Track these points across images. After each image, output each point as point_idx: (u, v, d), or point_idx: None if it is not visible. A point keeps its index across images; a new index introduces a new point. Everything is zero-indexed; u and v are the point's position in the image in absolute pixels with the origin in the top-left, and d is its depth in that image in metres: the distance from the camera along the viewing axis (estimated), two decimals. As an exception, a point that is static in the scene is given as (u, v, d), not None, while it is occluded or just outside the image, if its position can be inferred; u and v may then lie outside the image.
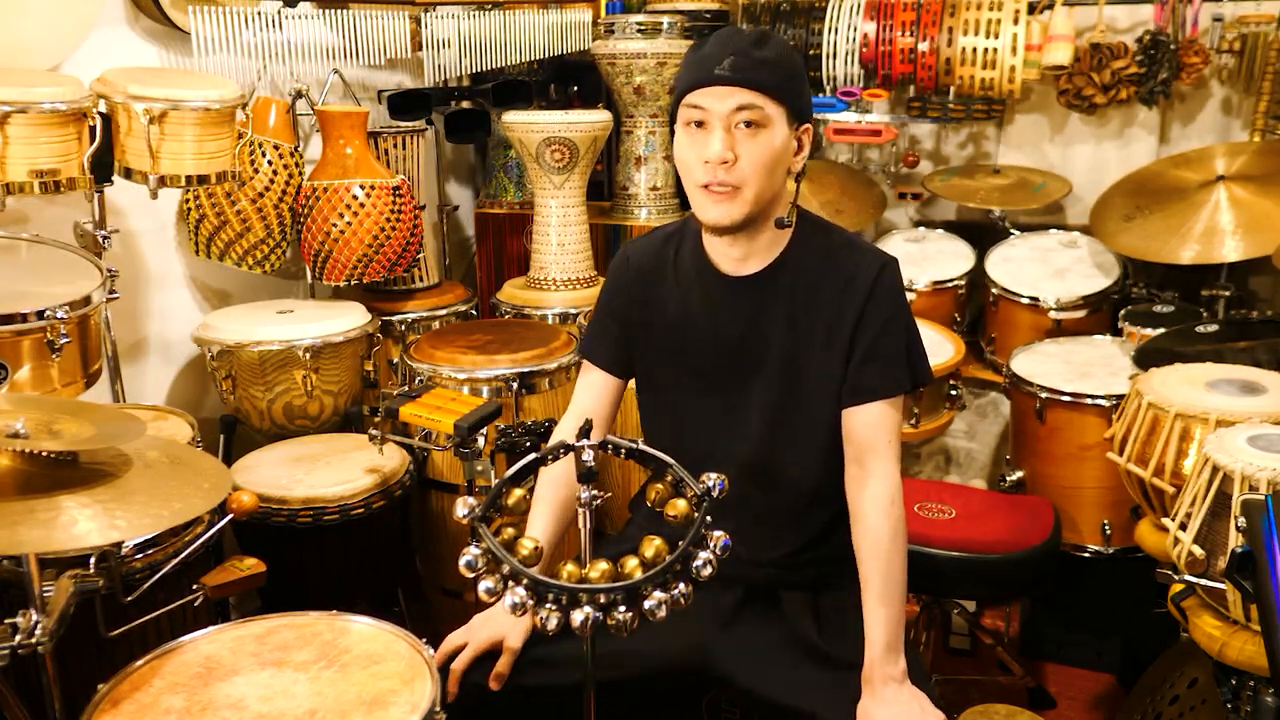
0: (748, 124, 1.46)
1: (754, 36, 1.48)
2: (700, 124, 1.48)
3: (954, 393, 2.81)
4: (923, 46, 3.11)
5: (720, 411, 1.61)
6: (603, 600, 1.13)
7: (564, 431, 1.70)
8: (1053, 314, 2.93)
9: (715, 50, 1.47)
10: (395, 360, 2.77)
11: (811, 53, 3.25)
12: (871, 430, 1.54)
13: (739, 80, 1.45)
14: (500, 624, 1.57)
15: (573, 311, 2.79)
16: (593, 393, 1.71)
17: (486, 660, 1.56)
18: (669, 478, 1.24)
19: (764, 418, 1.57)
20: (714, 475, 1.21)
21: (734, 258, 1.57)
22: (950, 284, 3.13)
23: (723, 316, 1.59)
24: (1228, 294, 2.86)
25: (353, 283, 2.65)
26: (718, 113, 1.46)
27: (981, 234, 3.26)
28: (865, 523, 1.53)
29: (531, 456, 1.26)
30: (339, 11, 2.63)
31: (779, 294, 1.56)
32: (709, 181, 1.47)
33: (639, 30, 3.05)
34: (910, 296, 3.11)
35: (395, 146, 2.88)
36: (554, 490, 1.65)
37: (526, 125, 2.72)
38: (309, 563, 2.19)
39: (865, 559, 1.52)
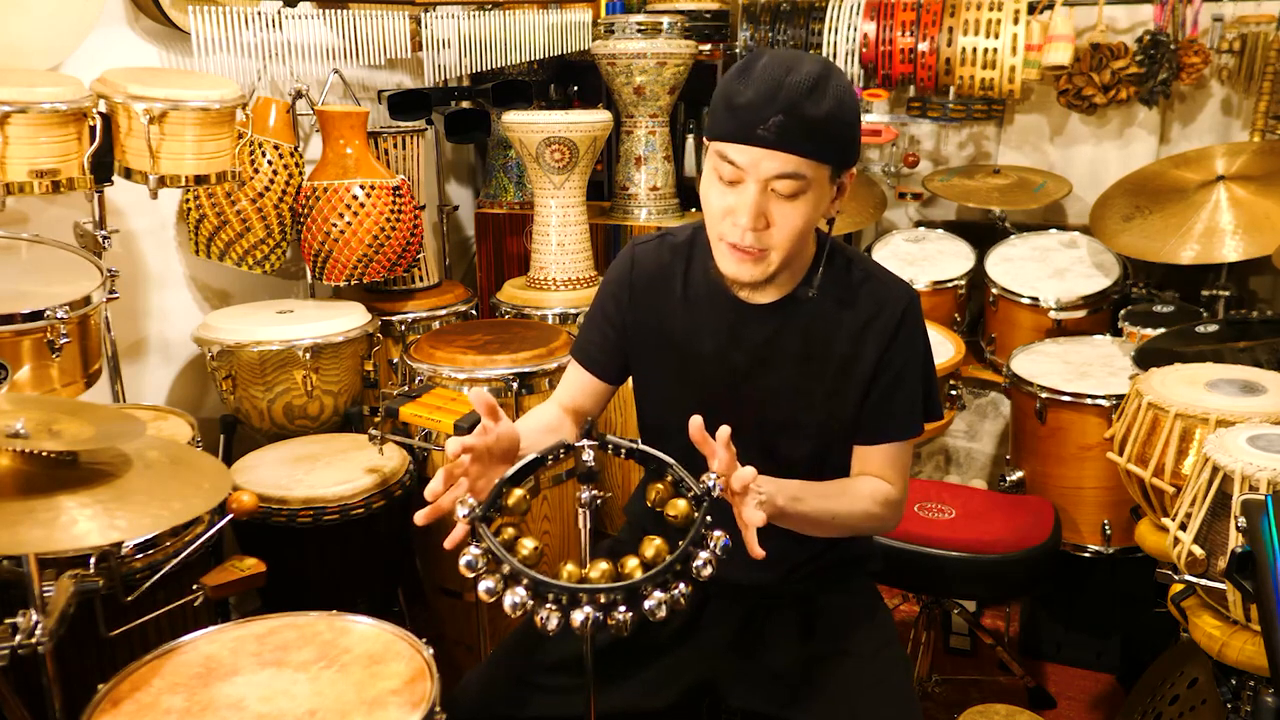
0: (787, 187, 1.33)
1: (808, 84, 1.28)
2: (733, 178, 1.35)
3: (954, 393, 2.81)
4: (923, 46, 3.12)
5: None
6: (603, 600, 1.13)
7: (536, 415, 1.63)
8: (1053, 314, 2.93)
9: (761, 101, 1.29)
10: (395, 360, 2.77)
11: (811, 53, 3.25)
12: (883, 468, 1.54)
13: (784, 146, 1.29)
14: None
15: (573, 311, 2.79)
16: (576, 391, 1.66)
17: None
18: (669, 477, 1.24)
19: (763, 443, 1.52)
20: (714, 475, 1.21)
21: (750, 289, 1.49)
22: (950, 284, 3.13)
23: (733, 341, 1.52)
24: (1228, 294, 2.86)
25: (353, 283, 2.65)
26: (755, 174, 1.32)
27: (981, 234, 3.26)
28: (856, 479, 1.54)
29: (531, 456, 1.26)
30: (339, 11, 2.63)
31: (795, 324, 1.50)
32: (735, 242, 1.37)
33: (639, 30, 3.05)
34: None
35: (395, 146, 2.88)
36: (532, 422, 1.59)
37: (526, 125, 2.72)
38: (309, 563, 2.19)
39: (839, 481, 1.53)
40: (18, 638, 1.32)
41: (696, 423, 1.24)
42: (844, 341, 1.50)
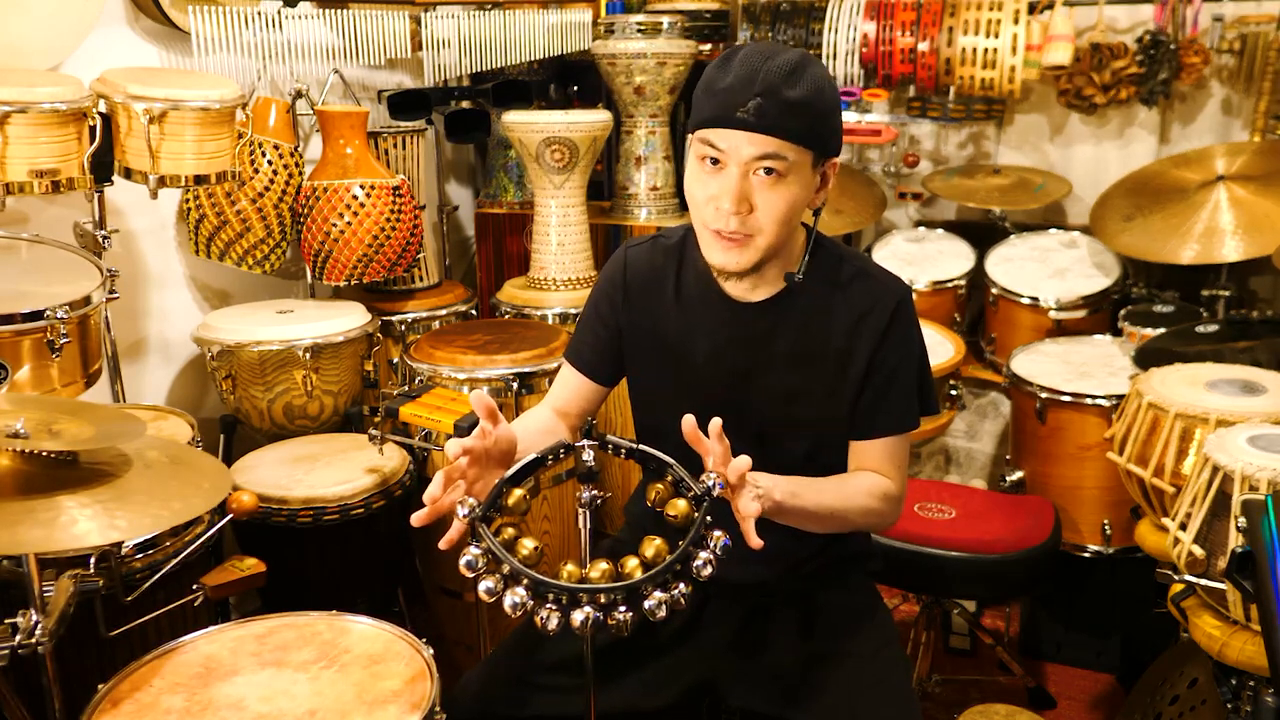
0: (768, 170, 1.35)
1: (786, 69, 1.32)
2: (715, 161, 1.37)
3: (954, 393, 2.81)
4: (923, 46, 3.11)
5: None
6: (603, 600, 1.13)
7: (529, 418, 1.64)
8: (1053, 314, 2.93)
9: (740, 85, 1.32)
10: (395, 360, 2.77)
11: (811, 53, 3.26)
12: (880, 463, 1.53)
13: (765, 128, 1.32)
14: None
15: (573, 311, 2.79)
16: (568, 392, 1.66)
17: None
18: (669, 477, 1.24)
19: (760, 442, 1.50)
20: (714, 475, 1.21)
21: (742, 287, 1.51)
22: (950, 284, 3.14)
23: (727, 341, 1.52)
24: (1228, 294, 2.86)
25: (353, 283, 2.65)
26: (736, 158, 1.35)
27: (981, 234, 3.26)
28: (854, 475, 1.52)
29: (531, 456, 1.26)
30: (339, 11, 2.63)
31: (788, 322, 1.50)
32: (720, 228, 1.38)
33: (639, 30, 3.05)
34: (910, 297, 3.12)
35: (395, 146, 2.88)
36: (528, 424, 1.61)
37: (526, 125, 2.72)
38: (309, 563, 2.20)
39: (837, 477, 1.51)
40: (18, 638, 1.32)
41: (690, 422, 1.24)
42: (838, 337, 1.50)
